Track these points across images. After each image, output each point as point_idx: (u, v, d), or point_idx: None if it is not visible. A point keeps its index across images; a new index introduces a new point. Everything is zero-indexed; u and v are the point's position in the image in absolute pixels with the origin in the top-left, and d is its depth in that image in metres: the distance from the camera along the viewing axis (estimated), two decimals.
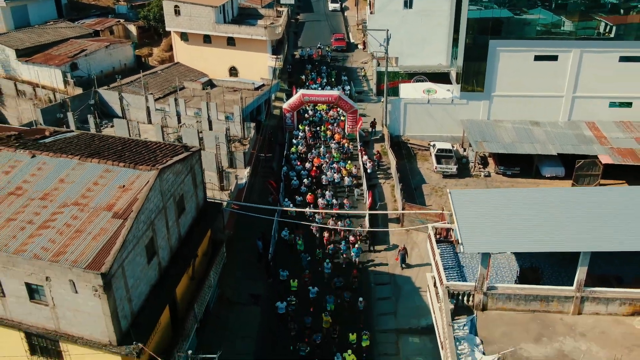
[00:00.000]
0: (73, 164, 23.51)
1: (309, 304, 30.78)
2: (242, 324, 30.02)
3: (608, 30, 46.03)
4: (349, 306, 30.76)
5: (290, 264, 33.63)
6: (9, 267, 19.57)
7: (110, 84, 49.53)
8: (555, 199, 24.34)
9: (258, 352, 28.52)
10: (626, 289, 22.31)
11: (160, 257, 23.01)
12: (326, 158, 44.40)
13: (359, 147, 45.98)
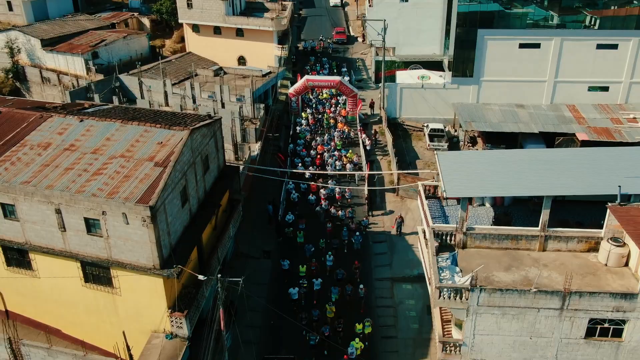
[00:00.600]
0: (116, 126, 27.85)
1: (313, 296, 32.59)
2: (256, 274, 34.33)
3: (593, 22, 50.51)
4: (351, 298, 32.22)
5: (293, 256, 35.53)
6: (71, 204, 23.88)
7: (128, 71, 53.78)
8: (525, 158, 28.73)
9: (269, 295, 32.84)
10: (582, 229, 26.64)
11: (191, 204, 27.34)
12: (330, 146, 47.67)
13: (358, 127, 50.28)
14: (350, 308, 31.72)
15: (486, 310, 23.43)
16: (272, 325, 31.40)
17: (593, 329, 23.62)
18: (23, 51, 56.97)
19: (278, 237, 37.68)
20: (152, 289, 24.53)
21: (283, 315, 29.85)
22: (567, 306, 22.99)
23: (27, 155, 26.54)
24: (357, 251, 36.53)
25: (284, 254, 35.86)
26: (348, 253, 36.39)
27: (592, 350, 23.96)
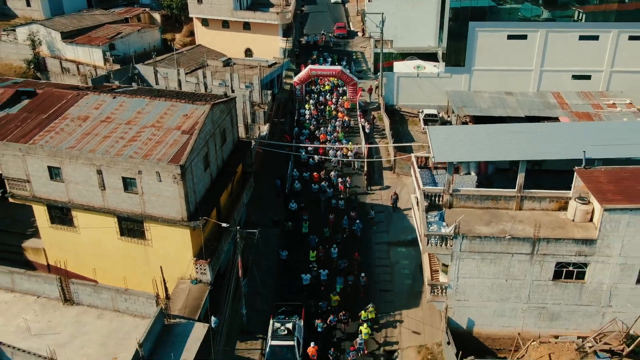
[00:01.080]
0: (146, 102, 31.83)
1: (320, 285, 34.46)
2: (266, 240, 38.25)
3: (580, 17, 54.52)
4: (354, 286, 34.23)
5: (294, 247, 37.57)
6: (111, 165, 27.85)
7: (142, 62, 57.66)
8: (505, 130, 32.69)
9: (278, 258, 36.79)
10: (554, 191, 30.56)
11: (211, 170, 31.31)
12: (332, 136, 50.54)
13: (358, 113, 54.23)
14: (353, 296, 33.71)
15: (467, 256, 27.37)
16: (281, 280, 35.37)
17: (559, 272, 27.55)
18: (44, 43, 60.92)
19: (285, 208, 41.58)
20: (180, 239, 28.50)
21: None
22: (537, 251, 26.93)
23: (68, 126, 30.51)
24: (359, 238, 38.48)
25: (285, 245, 37.78)
26: (349, 242, 38.08)
27: (559, 291, 27.89)
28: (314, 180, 44.23)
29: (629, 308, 27.50)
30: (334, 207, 41.39)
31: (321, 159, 46.87)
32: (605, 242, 26.39)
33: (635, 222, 25.84)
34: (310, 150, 47.87)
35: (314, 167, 46.44)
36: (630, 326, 27.51)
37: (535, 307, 28.36)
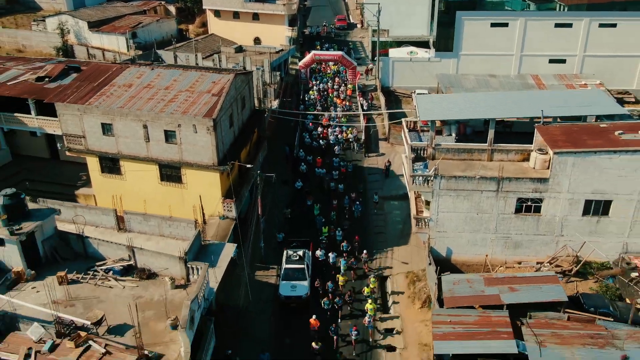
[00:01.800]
0: (179, 72, 38.35)
1: (328, 268, 37.23)
2: (277, 196, 44.75)
3: (562, 8, 60.99)
4: (356, 267, 37.64)
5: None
6: (155, 120, 34.32)
7: (161, 49, 64.12)
8: (481, 97, 39.18)
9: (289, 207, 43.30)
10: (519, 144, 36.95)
11: (234, 128, 37.80)
12: (335, 121, 56.08)
13: (357, 93, 60.72)
14: (355, 274, 37.34)
15: (445, 193, 33.80)
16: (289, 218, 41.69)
17: (520, 207, 33.97)
18: (72, 32, 67.37)
19: (293, 170, 48.04)
20: (211, 181, 34.99)
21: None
22: (501, 189, 33.39)
23: (116, 92, 37.00)
24: (357, 218, 42.07)
25: (280, 227, 40.98)
26: (350, 221, 41.44)
27: (520, 223, 34.34)
28: (318, 164, 48.10)
29: (577, 236, 33.97)
30: (333, 190, 45.07)
31: (326, 144, 51.66)
32: (555, 180, 32.85)
33: (579, 164, 32.30)
34: (315, 135, 53.45)
35: (318, 151, 50.45)
36: (577, 251, 33.99)
37: (501, 237, 34.82)
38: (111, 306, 23.36)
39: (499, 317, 29.05)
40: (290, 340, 32.39)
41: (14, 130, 42.86)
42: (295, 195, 45.48)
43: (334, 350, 31.68)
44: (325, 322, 32.53)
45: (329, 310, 33.84)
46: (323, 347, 31.14)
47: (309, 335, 31.73)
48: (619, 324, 28.93)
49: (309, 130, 54.43)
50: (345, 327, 32.86)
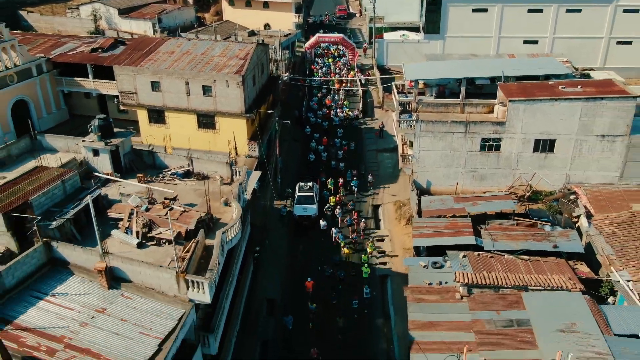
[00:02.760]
0: (211, 42, 47.76)
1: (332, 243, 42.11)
2: (289, 150, 54.08)
3: None
4: (356, 241, 42.72)
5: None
6: (195, 77, 43.63)
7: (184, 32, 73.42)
8: (459, 63, 48.54)
9: (299, 159, 52.63)
10: (485, 99, 46.21)
11: (256, 87, 47.11)
12: (337, 103, 65.01)
13: (356, 70, 70.12)
14: (356, 245, 42.32)
15: (425, 135, 43.02)
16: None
17: (484, 145, 43.20)
18: (103, 18, 76.67)
19: (302, 129, 57.37)
20: (239, 127, 44.27)
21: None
22: (468, 131, 42.64)
23: (161, 57, 46.32)
24: (355, 192, 48.30)
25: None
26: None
27: (484, 159, 43.54)
28: (323, 143, 54.95)
29: (529, 169, 43.25)
30: (334, 169, 51.24)
31: (329, 124, 59.95)
32: (511, 123, 42.07)
33: (529, 110, 41.50)
34: (319, 114, 62.17)
35: (322, 131, 57.90)
36: (529, 181, 43.26)
37: (469, 171, 44.04)
38: (179, 196, 32.22)
39: (463, 222, 38.34)
40: (302, 247, 41.73)
41: (70, 92, 52.09)
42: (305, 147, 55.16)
43: (333, 316, 35.29)
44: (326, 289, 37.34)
45: (330, 276, 38.41)
46: (319, 308, 35.54)
47: (315, 245, 40.97)
48: (554, 227, 38.27)
49: (314, 109, 63.32)
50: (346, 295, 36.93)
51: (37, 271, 24.86)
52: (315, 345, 32.55)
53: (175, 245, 24.28)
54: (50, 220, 26.63)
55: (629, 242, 36.11)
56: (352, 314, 35.67)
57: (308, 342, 32.87)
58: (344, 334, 34.27)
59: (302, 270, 39.14)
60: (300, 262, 40.41)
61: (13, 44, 46.24)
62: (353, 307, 36.10)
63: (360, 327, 35.04)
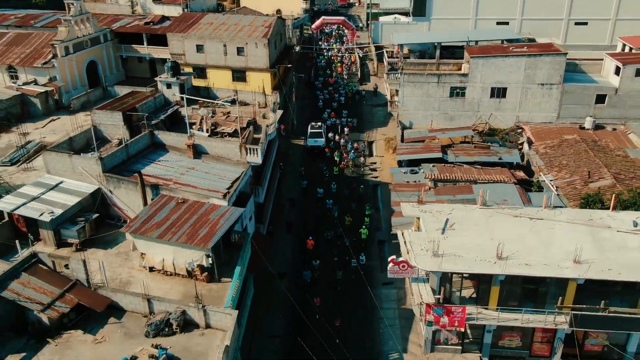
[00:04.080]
0: (241, 16, 61.79)
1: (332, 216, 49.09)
2: (301, 106, 68.09)
3: None
4: (356, 209, 50.16)
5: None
6: (231, 41, 57.62)
7: None
8: (432, 33, 62.52)
9: (309, 108, 66.65)
10: (455, 59, 59.97)
11: (277, 51, 61.05)
12: (339, 80, 79.61)
13: (355, 46, 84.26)
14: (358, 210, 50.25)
15: (407, 84, 56.92)
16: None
17: (453, 92, 57.06)
18: (138, 4, 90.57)
19: (310, 91, 71.42)
20: (265, 79, 58.16)
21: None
22: (440, 81, 56.50)
23: (203, 27, 60.31)
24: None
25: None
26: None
27: (453, 104, 57.38)
28: (332, 117, 67.34)
29: (487, 111, 57.11)
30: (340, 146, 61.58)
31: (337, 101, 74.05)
32: (473, 74, 55.93)
33: (486, 64, 55.34)
34: (326, 92, 75.26)
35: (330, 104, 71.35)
36: (487, 120, 57.11)
37: (441, 113, 57.88)
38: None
39: (434, 145, 52.28)
40: (316, 166, 55.69)
41: (127, 57, 65.97)
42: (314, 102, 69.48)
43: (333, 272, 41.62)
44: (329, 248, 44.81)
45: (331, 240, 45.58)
46: (320, 265, 42.24)
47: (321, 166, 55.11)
48: (502, 147, 52.18)
49: (320, 88, 76.43)
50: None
51: (146, 149, 38.79)
52: (318, 295, 39.02)
53: (239, 129, 38.27)
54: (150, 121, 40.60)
55: (555, 158, 50.02)
56: (351, 271, 41.80)
57: (314, 293, 39.64)
58: (343, 285, 40.94)
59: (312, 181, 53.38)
60: (311, 175, 54.76)
61: (88, 17, 60.21)
62: (352, 265, 42.01)
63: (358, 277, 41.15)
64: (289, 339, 35.67)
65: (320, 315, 36.68)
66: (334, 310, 37.75)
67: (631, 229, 32.97)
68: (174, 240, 29.30)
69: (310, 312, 37.10)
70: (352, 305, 38.60)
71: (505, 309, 31.68)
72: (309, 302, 38.08)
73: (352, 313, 37.88)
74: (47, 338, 24.28)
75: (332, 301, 38.96)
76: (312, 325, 34.53)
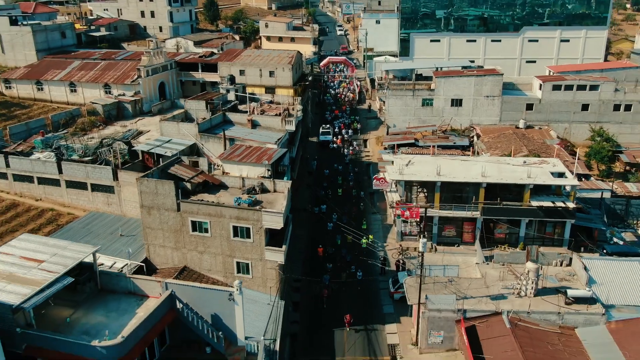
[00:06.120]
0: (271, 51, 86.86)
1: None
2: (315, 114, 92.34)
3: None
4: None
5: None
6: (265, 67, 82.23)
7: None
8: (412, 63, 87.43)
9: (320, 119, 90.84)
10: (427, 81, 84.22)
11: (297, 74, 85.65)
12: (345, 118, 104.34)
13: (355, 78, 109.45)
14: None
15: (391, 97, 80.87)
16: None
17: (424, 102, 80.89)
18: (182, 47, 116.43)
19: (321, 108, 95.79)
20: (289, 92, 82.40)
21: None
22: (415, 94, 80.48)
23: (244, 58, 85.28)
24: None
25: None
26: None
27: (424, 111, 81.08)
28: (335, 114, 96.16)
29: (449, 115, 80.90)
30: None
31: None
32: (438, 89, 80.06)
33: (447, 82, 79.56)
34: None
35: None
36: (449, 123, 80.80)
37: (416, 118, 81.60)
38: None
39: (409, 136, 75.79)
40: (327, 154, 79.09)
41: (184, 81, 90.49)
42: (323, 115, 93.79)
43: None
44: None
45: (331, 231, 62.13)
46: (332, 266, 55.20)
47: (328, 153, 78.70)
48: (457, 137, 75.67)
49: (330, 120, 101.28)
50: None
51: (221, 124, 62.27)
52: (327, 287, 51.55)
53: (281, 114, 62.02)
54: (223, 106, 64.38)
55: (494, 144, 73.38)
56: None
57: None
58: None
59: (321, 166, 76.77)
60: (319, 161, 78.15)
61: (161, 50, 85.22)
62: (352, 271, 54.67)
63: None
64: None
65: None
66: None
67: (519, 164, 55.89)
68: (248, 161, 52.22)
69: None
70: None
71: (443, 208, 54.08)
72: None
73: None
74: (191, 196, 46.61)
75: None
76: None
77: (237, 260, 43.33)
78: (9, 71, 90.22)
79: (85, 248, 33.39)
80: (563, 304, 41.40)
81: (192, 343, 33.38)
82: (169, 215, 43.93)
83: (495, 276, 45.45)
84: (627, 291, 42.63)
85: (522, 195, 53.30)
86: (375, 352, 43.20)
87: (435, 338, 42.19)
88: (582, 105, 78.57)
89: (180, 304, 31.88)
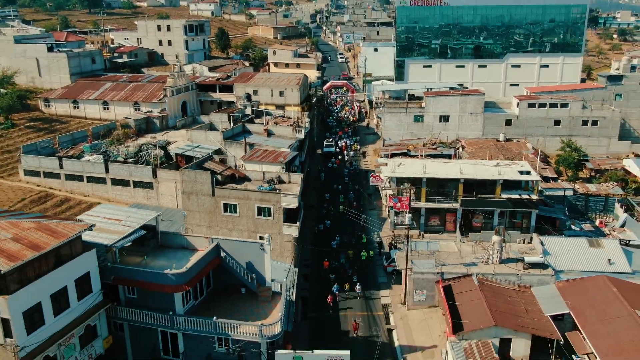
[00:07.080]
0: (280, 74, 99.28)
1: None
2: (319, 129, 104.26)
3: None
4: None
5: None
6: (276, 87, 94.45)
7: None
8: (404, 85, 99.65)
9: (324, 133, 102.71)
10: (419, 101, 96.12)
11: (304, 94, 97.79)
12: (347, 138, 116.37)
13: (354, 101, 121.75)
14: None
15: (387, 113, 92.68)
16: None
17: (415, 118, 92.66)
18: (198, 72, 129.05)
19: (325, 125, 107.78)
20: (298, 110, 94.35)
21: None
22: (407, 111, 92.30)
23: (257, 80, 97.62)
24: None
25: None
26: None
27: (416, 125, 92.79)
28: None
29: (438, 130, 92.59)
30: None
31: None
32: (427, 107, 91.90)
33: (436, 100, 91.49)
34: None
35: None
36: (438, 136, 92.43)
37: (409, 132, 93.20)
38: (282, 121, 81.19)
39: (402, 147, 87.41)
40: (331, 164, 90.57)
41: (203, 100, 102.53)
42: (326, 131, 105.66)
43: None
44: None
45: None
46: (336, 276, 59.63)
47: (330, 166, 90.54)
48: (445, 148, 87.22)
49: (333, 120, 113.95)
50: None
51: (241, 133, 73.99)
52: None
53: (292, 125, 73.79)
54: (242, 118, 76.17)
55: (477, 153, 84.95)
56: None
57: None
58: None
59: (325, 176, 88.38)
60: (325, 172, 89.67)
61: (184, 73, 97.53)
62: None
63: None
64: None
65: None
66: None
67: (493, 164, 67.29)
68: (266, 161, 63.64)
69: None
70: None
71: (429, 200, 65.25)
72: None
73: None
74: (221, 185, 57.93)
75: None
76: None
77: (260, 235, 54.31)
78: (47, 92, 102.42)
79: (151, 212, 44.51)
80: (522, 269, 52.23)
81: (230, 287, 44.19)
82: (205, 199, 55.15)
83: (469, 251, 56.38)
84: (573, 260, 53.47)
85: (494, 190, 64.50)
86: (371, 309, 53.83)
87: (419, 296, 52.90)
88: (555, 120, 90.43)
89: (223, 253, 42.81)
